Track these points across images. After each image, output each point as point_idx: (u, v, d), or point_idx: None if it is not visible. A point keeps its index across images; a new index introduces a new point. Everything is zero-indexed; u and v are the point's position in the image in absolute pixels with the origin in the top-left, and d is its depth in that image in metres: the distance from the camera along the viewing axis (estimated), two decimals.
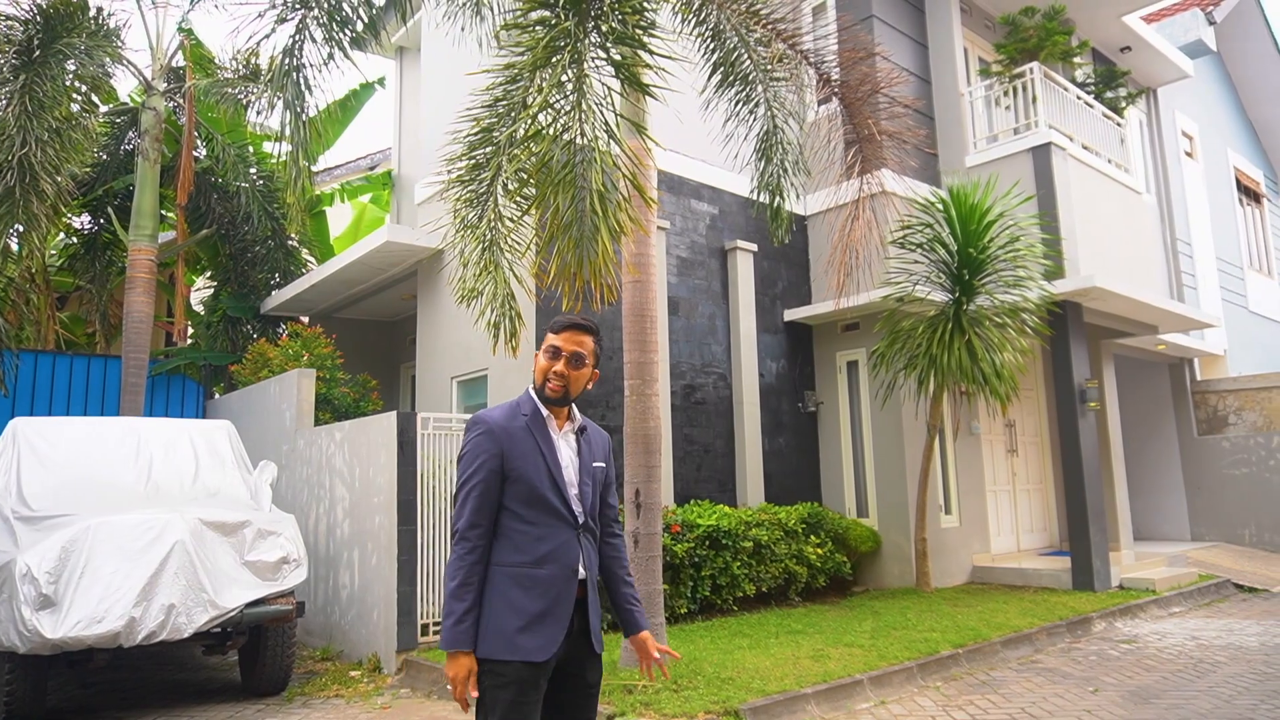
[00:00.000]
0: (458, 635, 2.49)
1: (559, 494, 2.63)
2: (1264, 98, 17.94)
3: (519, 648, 2.49)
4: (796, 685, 5.35)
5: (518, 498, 2.60)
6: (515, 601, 2.53)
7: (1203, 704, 5.30)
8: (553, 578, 2.58)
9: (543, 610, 2.54)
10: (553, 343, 2.71)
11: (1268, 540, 12.74)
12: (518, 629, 2.51)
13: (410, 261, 9.78)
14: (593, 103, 4.77)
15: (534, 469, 2.61)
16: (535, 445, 2.63)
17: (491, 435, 2.61)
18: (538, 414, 2.69)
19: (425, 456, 7.00)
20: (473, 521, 2.56)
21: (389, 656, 6.59)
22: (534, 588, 2.56)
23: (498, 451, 2.59)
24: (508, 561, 2.58)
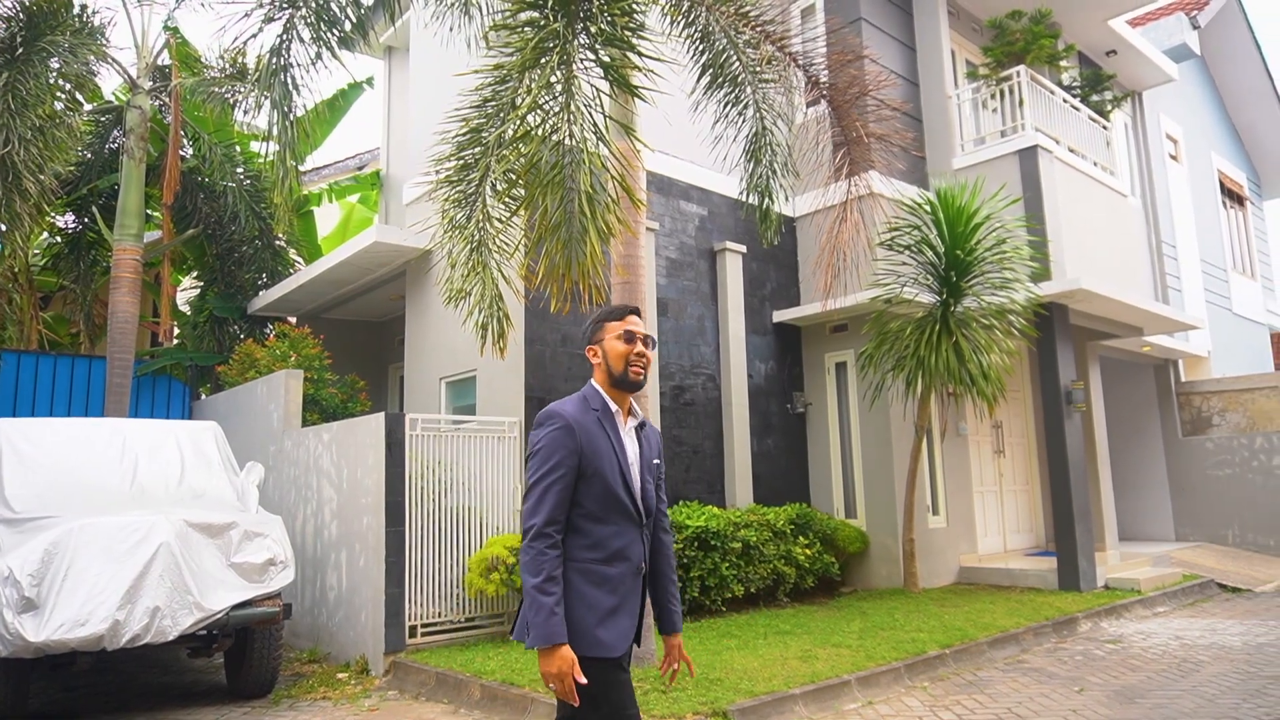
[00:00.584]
0: (552, 629, 2.43)
1: (629, 492, 2.62)
2: (1247, 101, 18.11)
3: (599, 643, 2.49)
4: (784, 686, 5.36)
5: (591, 494, 2.57)
6: (589, 598, 2.52)
7: (1186, 703, 5.34)
8: (622, 575, 2.58)
9: (615, 606, 2.54)
10: (626, 327, 2.70)
11: (1251, 540, 12.85)
12: (595, 625, 2.50)
13: (399, 262, 9.75)
14: (581, 104, 4.78)
15: (609, 466, 2.59)
16: (609, 442, 2.61)
17: (570, 431, 2.56)
18: (607, 409, 2.67)
19: (414, 457, 6.99)
20: (552, 517, 2.51)
21: (377, 658, 6.57)
22: (605, 584, 2.55)
23: (576, 448, 2.55)
24: (579, 558, 2.55)
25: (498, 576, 6.87)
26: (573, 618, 2.50)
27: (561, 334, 8.19)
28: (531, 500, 2.54)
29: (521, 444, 7.72)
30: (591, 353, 2.75)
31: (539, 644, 2.44)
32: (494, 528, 7.46)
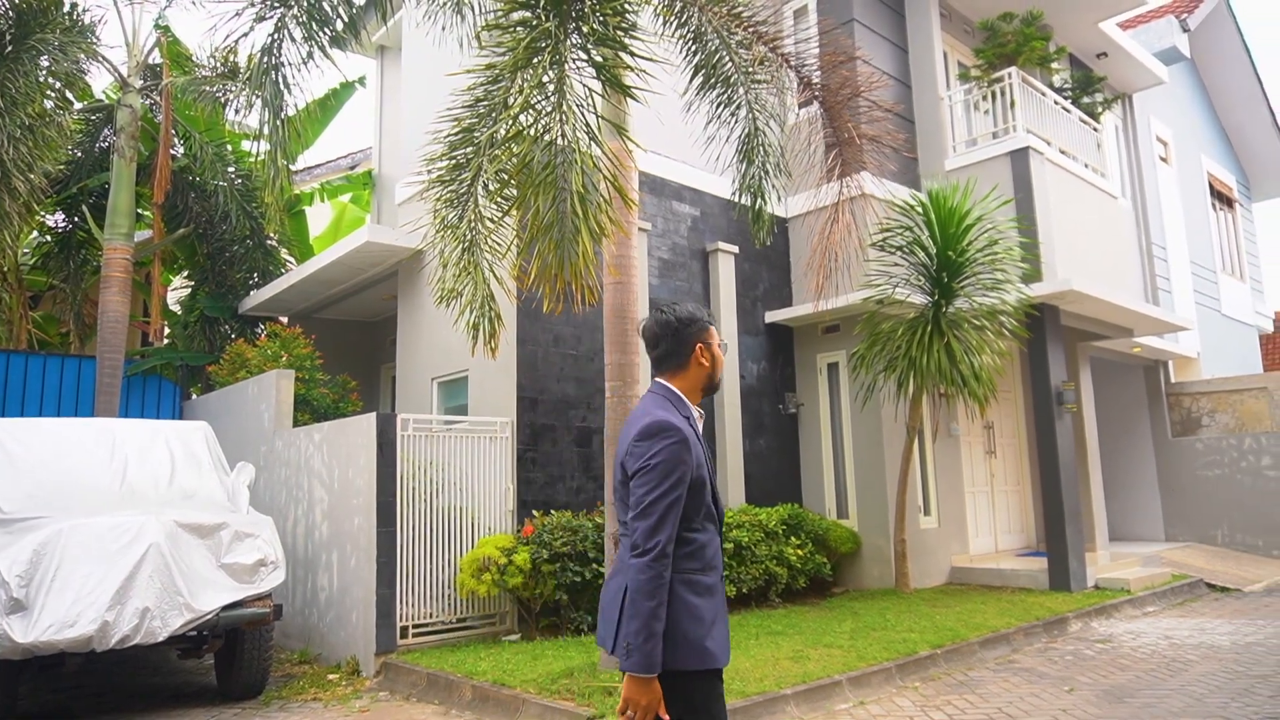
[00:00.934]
0: (656, 657, 2.31)
1: (714, 498, 2.58)
2: (1236, 104, 18.21)
3: (708, 654, 2.41)
4: (776, 686, 5.36)
5: (694, 504, 2.47)
6: (695, 609, 2.42)
7: (1175, 702, 5.36)
8: (716, 583, 2.52)
9: (715, 614, 2.47)
10: (721, 338, 2.70)
11: (1239, 540, 12.92)
12: (704, 637, 2.41)
13: (391, 262, 9.73)
14: (573, 104, 4.78)
15: (709, 475, 2.55)
16: (701, 448, 2.54)
17: (688, 445, 2.44)
18: (692, 414, 2.60)
19: (405, 458, 6.97)
20: (671, 535, 2.38)
21: (368, 659, 6.55)
22: (706, 594, 2.46)
23: (694, 463, 2.45)
24: (684, 569, 2.44)
25: (489, 577, 6.86)
26: (680, 631, 2.39)
27: (553, 334, 8.18)
28: (653, 518, 2.37)
29: (513, 444, 7.71)
30: (701, 353, 2.62)
31: (640, 670, 2.31)
32: (485, 528, 7.45)
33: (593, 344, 8.36)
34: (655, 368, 2.68)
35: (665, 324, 2.61)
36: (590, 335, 8.35)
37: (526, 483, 7.78)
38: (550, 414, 8.05)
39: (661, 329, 2.62)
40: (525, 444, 7.82)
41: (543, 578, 7.00)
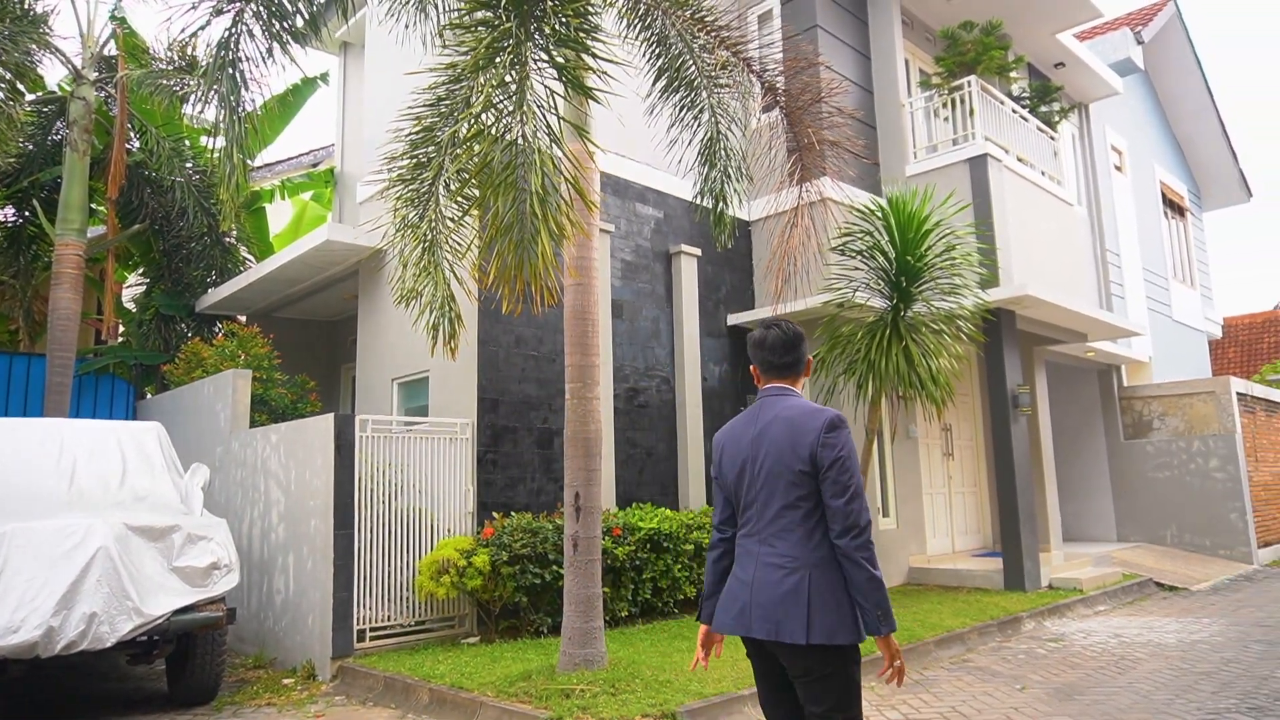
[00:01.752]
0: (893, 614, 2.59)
1: None
2: (1187, 115, 18.68)
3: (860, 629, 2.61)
4: (734, 687, 5.39)
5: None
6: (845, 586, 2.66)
7: (1123, 700, 5.49)
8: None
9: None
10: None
11: (1187, 540, 13.25)
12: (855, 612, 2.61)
13: (351, 261, 9.63)
14: (534, 105, 4.76)
15: None
16: None
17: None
18: None
19: (364, 459, 6.91)
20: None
21: (324, 663, 6.47)
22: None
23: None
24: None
25: (448, 579, 6.81)
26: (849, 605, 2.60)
27: (515, 335, 8.15)
28: (862, 498, 2.64)
29: (474, 446, 7.67)
30: (809, 365, 2.98)
31: (893, 628, 2.57)
32: (445, 530, 7.40)
33: (554, 345, 8.34)
34: (773, 372, 2.93)
35: (796, 336, 2.94)
36: (552, 336, 8.34)
37: (487, 484, 7.75)
38: (511, 415, 8.02)
39: (795, 338, 2.94)
40: (486, 445, 7.79)
41: (502, 580, 6.97)
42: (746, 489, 2.80)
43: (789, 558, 2.65)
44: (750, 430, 2.84)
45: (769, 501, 2.73)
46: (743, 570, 2.78)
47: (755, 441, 2.80)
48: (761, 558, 2.71)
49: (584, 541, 5.63)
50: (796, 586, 2.61)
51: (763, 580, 2.68)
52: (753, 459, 2.78)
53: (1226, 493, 12.99)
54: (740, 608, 2.71)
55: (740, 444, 2.86)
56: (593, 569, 5.65)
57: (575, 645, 5.52)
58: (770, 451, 2.73)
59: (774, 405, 2.85)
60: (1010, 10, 11.86)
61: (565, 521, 5.74)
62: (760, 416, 2.85)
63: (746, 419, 2.92)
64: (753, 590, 2.69)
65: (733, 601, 2.76)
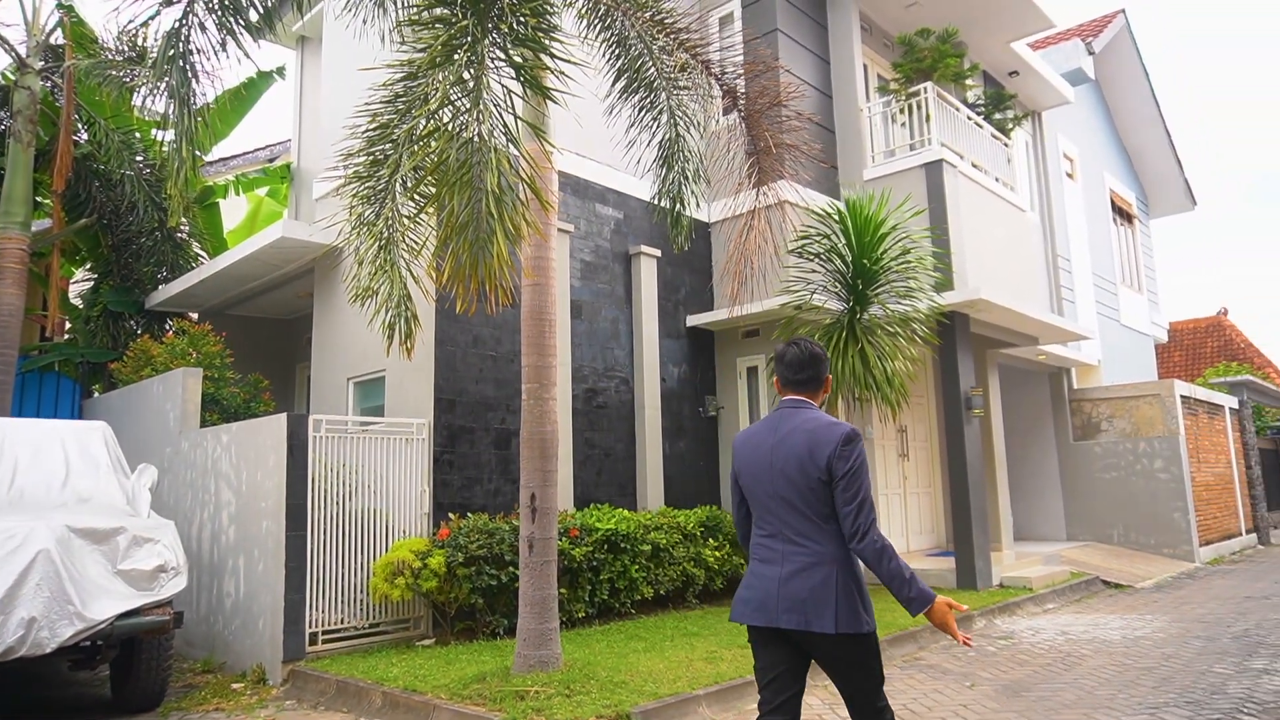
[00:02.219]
0: (927, 588, 2.83)
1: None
2: (1136, 125, 19.18)
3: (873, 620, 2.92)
4: (689, 687, 5.42)
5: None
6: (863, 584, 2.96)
7: (1068, 695, 5.61)
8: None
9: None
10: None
11: (1133, 539, 13.60)
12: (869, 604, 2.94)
13: (307, 258, 9.49)
14: (491, 104, 4.74)
15: None
16: None
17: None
18: None
19: (317, 460, 6.81)
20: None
21: (274, 667, 6.37)
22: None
23: None
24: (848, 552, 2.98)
25: (403, 581, 6.75)
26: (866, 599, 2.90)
27: (473, 335, 8.10)
28: (871, 506, 2.91)
29: (430, 446, 7.61)
30: (828, 382, 3.22)
31: (929, 601, 2.81)
32: (400, 531, 7.33)
33: (513, 345, 8.31)
34: (792, 387, 3.16)
35: (816, 355, 3.16)
36: (510, 337, 8.30)
37: (443, 485, 7.69)
38: (468, 416, 7.97)
39: (811, 358, 3.15)
40: (442, 446, 7.73)
41: (458, 581, 6.92)
42: (768, 494, 3.03)
43: (815, 555, 2.91)
44: (770, 439, 3.08)
45: (791, 505, 2.98)
46: (766, 567, 3.01)
47: (775, 449, 3.04)
48: (788, 555, 2.95)
49: (539, 543, 5.61)
50: (824, 581, 2.88)
51: (790, 576, 2.93)
52: (773, 466, 3.02)
53: (1170, 493, 13.35)
54: (762, 600, 2.97)
55: (760, 451, 3.09)
56: (548, 570, 5.63)
57: (530, 647, 5.50)
58: (791, 460, 2.97)
59: (793, 417, 3.08)
60: (966, 19, 12.08)
61: (521, 523, 5.72)
62: (780, 427, 3.08)
63: (766, 427, 3.13)
64: (780, 585, 2.94)
65: (753, 594, 3.00)
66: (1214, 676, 6.00)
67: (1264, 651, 6.79)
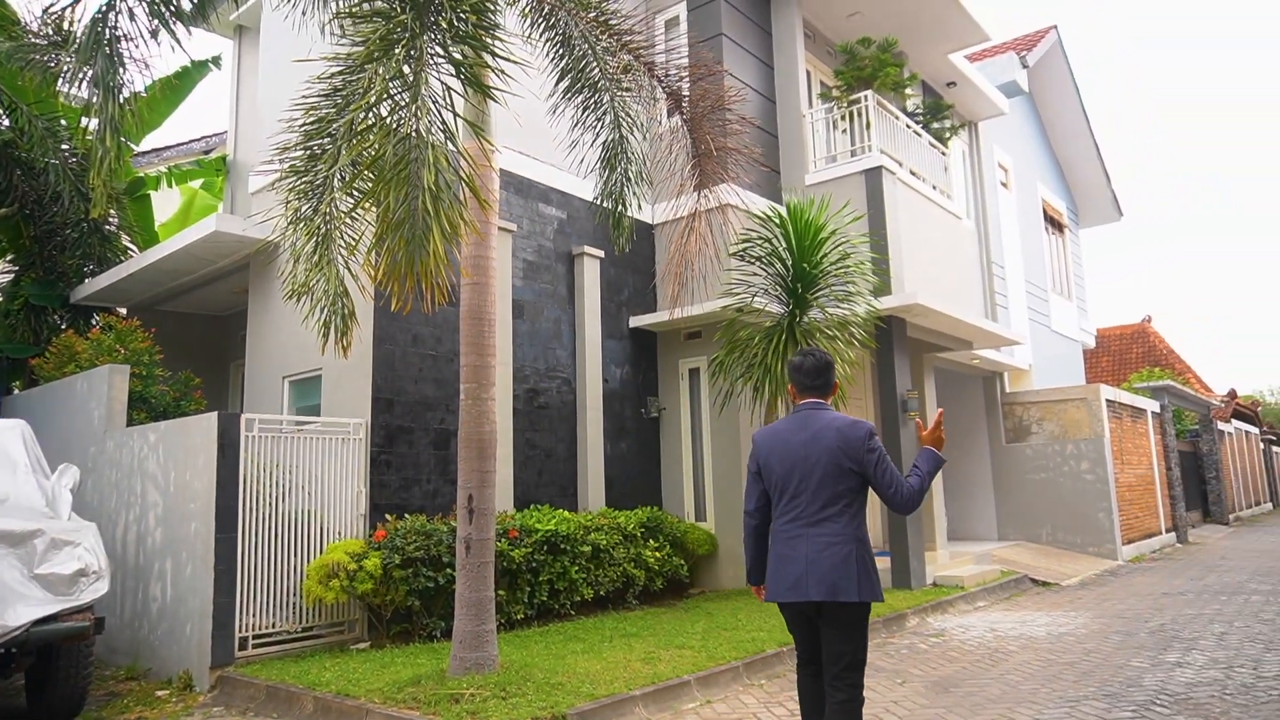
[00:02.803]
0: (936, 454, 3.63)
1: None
2: (1067, 138, 19.82)
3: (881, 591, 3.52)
4: (626, 688, 5.43)
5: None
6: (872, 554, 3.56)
7: (994, 690, 5.77)
8: None
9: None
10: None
11: (1061, 539, 14.04)
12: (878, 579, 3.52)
13: (242, 253, 9.25)
14: (430, 100, 4.69)
15: None
16: None
17: None
18: None
19: (250, 460, 6.66)
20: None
21: (202, 673, 6.20)
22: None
23: None
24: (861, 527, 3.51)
25: (338, 584, 6.63)
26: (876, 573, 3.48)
27: (412, 334, 8.00)
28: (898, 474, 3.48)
29: (367, 446, 7.49)
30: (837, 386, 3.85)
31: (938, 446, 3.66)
32: (336, 533, 7.21)
33: (453, 345, 8.22)
34: (808, 391, 3.66)
35: (829, 363, 3.71)
36: (450, 336, 8.22)
37: (380, 486, 7.57)
38: (407, 415, 7.87)
39: (826, 365, 3.69)
40: (380, 446, 7.61)
41: (394, 583, 6.83)
42: (798, 483, 3.49)
43: (840, 536, 3.39)
44: (801, 436, 3.53)
45: (819, 492, 3.44)
46: (792, 549, 3.45)
47: (808, 444, 3.49)
48: (813, 537, 3.42)
49: (477, 544, 5.56)
50: (848, 557, 3.37)
51: (817, 554, 3.39)
52: (805, 459, 3.48)
53: (1096, 493, 13.82)
54: (795, 579, 3.42)
55: (792, 445, 3.53)
56: (485, 572, 5.59)
57: (466, 649, 5.46)
58: (825, 452, 3.45)
59: (819, 417, 3.57)
60: (906, 30, 12.35)
61: (458, 524, 5.66)
62: (809, 424, 3.55)
63: (795, 425, 3.59)
64: (808, 564, 3.39)
65: (784, 575, 3.47)
66: (1131, 670, 6.24)
67: (1177, 645, 7.07)
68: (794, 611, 3.56)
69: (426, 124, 4.60)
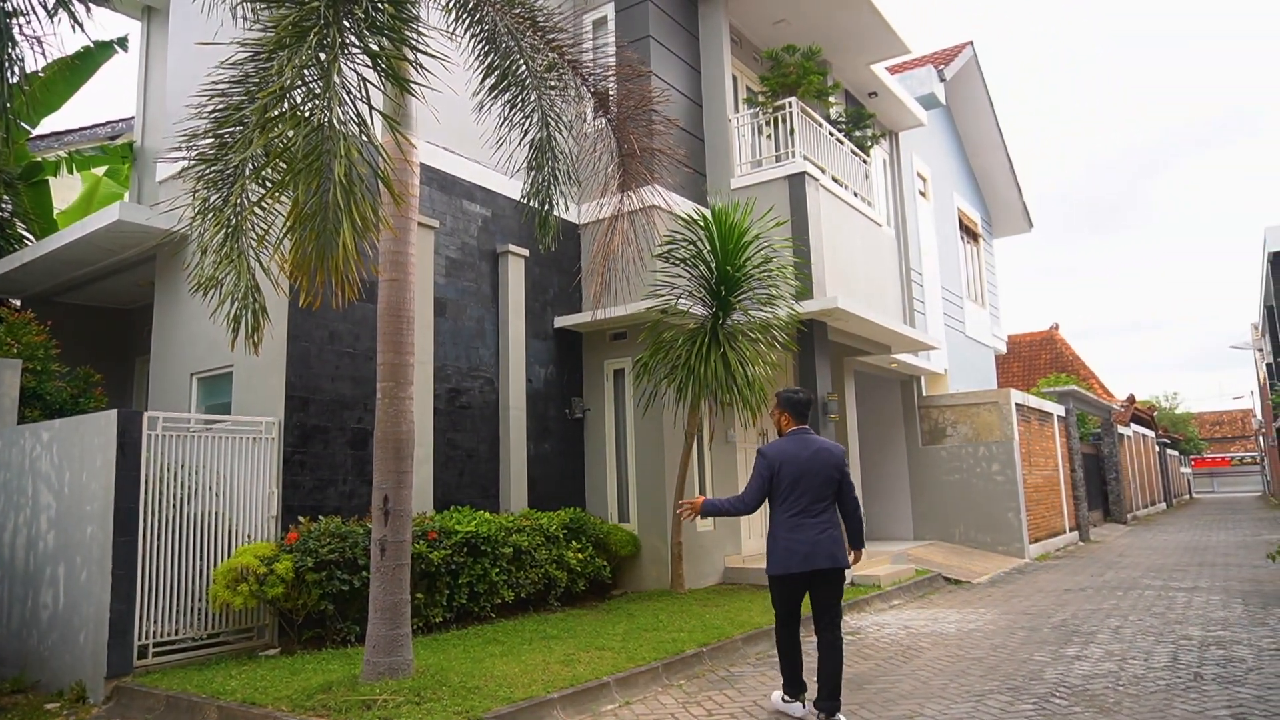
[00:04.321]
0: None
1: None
2: (982, 150, 20.52)
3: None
4: (543, 691, 5.37)
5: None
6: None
7: (905, 686, 5.91)
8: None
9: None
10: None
11: (973, 538, 14.51)
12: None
13: (148, 244, 8.86)
14: (343, 91, 4.56)
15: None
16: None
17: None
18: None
19: (154, 460, 6.38)
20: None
21: (96, 684, 5.90)
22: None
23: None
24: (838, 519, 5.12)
25: (246, 588, 6.39)
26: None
27: (329, 331, 7.78)
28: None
29: (280, 446, 7.26)
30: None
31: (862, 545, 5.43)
32: (246, 535, 6.96)
33: (372, 342, 8.03)
34: (801, 420, 5.20)
35: (809, 400, 5.30)
36: (369, 333, 8.03)
37: (294, 487, 7.34)
38: (323, 414, 7.65)
39: (809, 402, 5.29)
40: (293, 446, 7.38)
41: (307, 587, 6.62)
42: (804, 488, 4.95)
43: (830, 523, 4.96)
44: (804, 453, 5.02)
45: (817, 495, 4.95)
46: (801, 533, 4.90)
47: (812, 460, 5.00)
48: (811, 525, 4.90)
49: (392, 546, 5.43)
50: (838, 538, 4.96)
51: (819, 536, 4.89)
52: (812, 470, 4.97)
53: (1005, 494, 14.33)
54: (805, 555, 4.87)
55: (800, 460, 4.99)
56: (400, 575, 5.46)
57: (380, 654, 5.32)
58: (823, 467, 4.98)
59: (813, 440, 5.10)
60: (830, 39, 12.60)
61: (373, 526, 5.52)
62: (809, 445, 5.05)
63: (798, 445, 5.06)
64: (814, 544, 4.87)
65: (794, 553, 4.90)
66: (1034, 664, 6.47)
67: (1077, 639, 7.37)
68: (797, 580, 4.95)
69: (341, 115, 4.47)
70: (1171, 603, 9.31)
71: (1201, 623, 8.00)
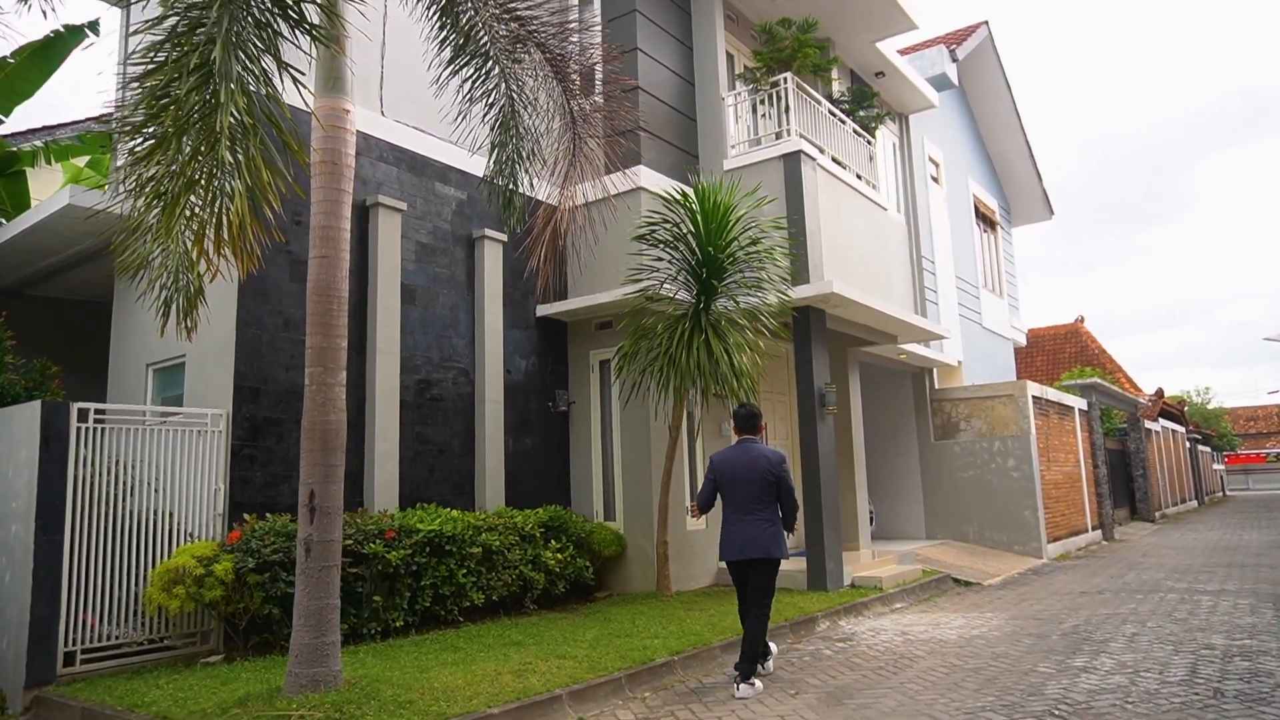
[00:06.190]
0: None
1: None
2: (999, 134, 19.77)
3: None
4: (486, 705, 4.90)
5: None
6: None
7: (889, 702, 5.36)
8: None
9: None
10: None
11: (987, 537, 13.85)
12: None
13: (110, 231, 8.49)
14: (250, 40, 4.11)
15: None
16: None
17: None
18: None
19: (88, 454, 5.99)
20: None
21: (15, 693, 5.53)
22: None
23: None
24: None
25: (183, 590, 5.98)
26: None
27: (284, 318, 7.36)
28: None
29: (228, 439, 6.84)
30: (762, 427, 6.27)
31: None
32: (190, 534, 6.56)
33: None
34: (746, 430, 6.06)
35: (757, 413, 6.17)
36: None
37: (243, 483, 6.92)
38: (276, 406, 7.22)
39: (754, 415, 6.14)
40: (243, 439, 6.96)
41: (249, 590, 6.20)
42: (741, 489, 5.78)
43: (767, 520, 5.74)
44: (742, 459, 5.86)
45: (751, 494, 5.75)
46: (739, 527, 5.75)
47: (748, 465, 5.81)
48: (751, 521, 5.73)
49: (319, 546, 4.98)
50: (773, 533, 5.70)
51: (754, 530, 5.71)
52: (746, 475, 5.78)
53: (1022, 491, 13.66)
54: (741, 546, 5.72)
55: (738, 465, 5.84)
56: (328, 578, 5.01)
57: (303, 664, 4.87)
58: (756, 471, 5.78)
59: (752, 448, 5.92)
60: (833, 15, 12.01)
61: (299, 524, 5.08)
62: (747, 452, 5.89)
63: (738, 452, 5.92)
64: (749, 538, 5.69)
65: (734, 543, 5.76)
66: (1036, 676, 5.89)
67: (1087, 648, 6.77)
68: (738, 567, 5.84)
69: (242, 64, 4.01)
70: (1195, 607, 8.66)
71: (1226, 630, 7.37)
